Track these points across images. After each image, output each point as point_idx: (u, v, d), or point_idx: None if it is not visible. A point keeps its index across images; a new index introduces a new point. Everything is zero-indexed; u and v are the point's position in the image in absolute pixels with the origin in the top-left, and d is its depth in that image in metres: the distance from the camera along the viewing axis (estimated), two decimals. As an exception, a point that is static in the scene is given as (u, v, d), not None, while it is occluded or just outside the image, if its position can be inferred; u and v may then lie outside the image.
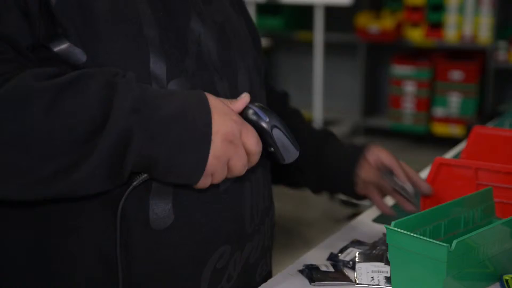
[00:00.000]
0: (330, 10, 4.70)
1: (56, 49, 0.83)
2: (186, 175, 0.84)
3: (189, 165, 0.83)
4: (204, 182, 0.85)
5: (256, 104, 0.92)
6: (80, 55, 0.83)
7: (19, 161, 0.76)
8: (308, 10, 4.91)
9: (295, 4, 4.80)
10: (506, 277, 1.00)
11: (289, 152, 0.92)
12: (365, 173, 1.15)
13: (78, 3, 0.83)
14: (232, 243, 0.96)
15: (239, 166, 0.87)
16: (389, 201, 1.37)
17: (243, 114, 0.90)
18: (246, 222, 0.98)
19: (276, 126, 0.90)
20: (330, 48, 4.87)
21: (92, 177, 0.79)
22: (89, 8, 0.84)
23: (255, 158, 0.89)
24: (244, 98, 0.91)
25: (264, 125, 0.89)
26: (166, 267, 0.90)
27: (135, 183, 0.84)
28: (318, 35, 4.53)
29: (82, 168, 0.78)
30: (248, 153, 0.87)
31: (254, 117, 0.90)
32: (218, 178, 0.86)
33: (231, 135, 0.85)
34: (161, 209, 0.89)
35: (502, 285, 0.99)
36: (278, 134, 0.90)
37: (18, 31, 0.81)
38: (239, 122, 0.87)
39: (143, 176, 0.85)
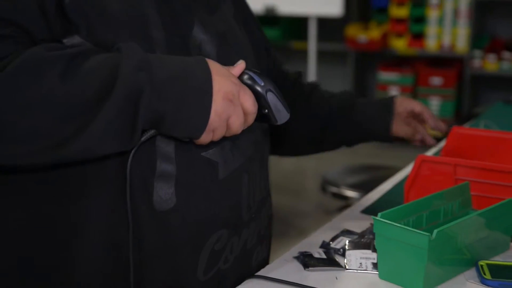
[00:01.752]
0: (322, 22, 4.69)
1: (69, 43, 0.82)
2: (190, 129, 0.83)
3: (193, 120, 0.83)
4: (206, 137, 0.84)
5: (253, 69, 0.91)
6: None
7: (39, 124, 0.76)
8: (302, 22, 4.90)
9: (291, 16, 4.79)
10: (481, 262, 1.00)
11: (281, 113, 0.91)
12: (399, 118, 1.26)
13: (90, 2, 0.83)
14: (229, 228, 0.95)
15: (237, 124, 0.86)
16: (375, 195, 1.38)
17: (240, 78, 0.89)
18: (243, 209, 0.98)
19: (270, 90, 0.90)
20: (322, 56, 4.87)
21: (107, 134, 0.78)
22: (101, 7, 0.83)
23: (251, 118, 0.88)
24: (241, 64, 0.90)
25: (259, 88, 0.89)
26: (168, 246, 0.89)
27: (143, 138, 0.83)
28: (312, 45, 4.52)
29: (97, 124, 0.77)
30: (245, 113, 0.87)
31: (249, 82, 0.89)
32: (218, 134, 0.86)
33: (231, 95, 0.84)
34: (164, 192, 0.88)
35: (477, 270, 0.99)
36: (271, 97, 0.90)
37: (35, 25, 0.81)
38: (238, 84, 0.86)
39: (151, 132, 0.84)
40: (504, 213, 1.05)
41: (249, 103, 0.87)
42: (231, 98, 0.84)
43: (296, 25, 5.01)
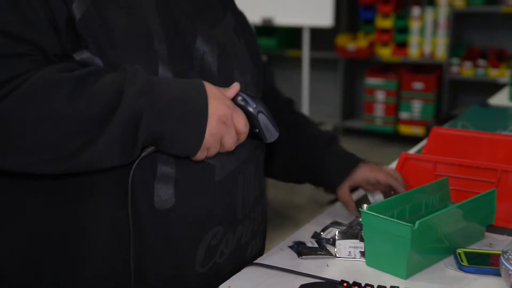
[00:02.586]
0: (315, 32, 4.67)
1: (78, 58, 0.82)
2: (186, 148, 0.84)
3: (189, 140, 0.84)
4: (201, 154, 0.85)
5: (246, 92, 0.92)
6: (98, 63, 0.83)
7: (47, 138, 0.76)
8: (297, 32, 4.88)
9: (286, 27, 4.79)
10: (459, 250, 1.00)
11: (271, 133, 0.92)
12: (350, 184, 1.16)
13: (98, 20, 0.82)
14: (225, 225, 0.95)
15: (230, 142, 0.87)
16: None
17: (234, 100, 0.90)
18: (237, 208, 0.97)
19: (261, 111, 0.90)
20: (315, 64, 4.85)
21: (110, 150, 0.79)
22: (108, 24, 0.83)
23: (243, 137, 0.89)
24: (235, 86, 0.90)
25: (251, 109, 0.90)
26: (167, 242, 0.89)
27: (143, 154, 0.84)
28: (305, 53, 4.51)
29: (101, 142, 0.78)
30: (237, 132, 0.88)
31: (242, 103, 0.90)
32: (212, 152, 0.87)
33: (224, 117, 0.85)
34: (164, 193, 0.88)
35: (455, 257, 0.99)
36: (262, 118, 0.90)
37: (48, 41, 0.81)
38: (231, 106, 0.87)
39: (151, 149, 0.84)
40: (480, 206, 1.06)
41: (241, 124, 0.88)
42: (224, 120, 0.85)
43: (291, 35, 5.01)
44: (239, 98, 0.90)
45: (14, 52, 0.77)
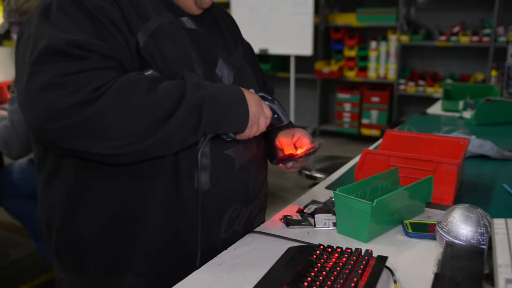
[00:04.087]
0: (299, 59, 4.69)
1: (145, 73, 0.82)
2: (238, 125, 0.85)
3: (240, 118, 0.84)
4: (248, 132, 0.86)
5: (262, 92, 0.94)
6: None
7: (132, 124, 0.74)
8: (286, 59, 4.90)
9: (277, 55, 4.80)
10: (405, 221, 1.00)
11: (285, 117, 0.94)
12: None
13: (155, 47, 0.83)
14: (241, 202, 0.95)
15: (263, 123, 0.89)
16: (334, 176, 1.38)
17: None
18: (250, 190, 0.97)
19: (276, 102, 0.93)
20: (299, 83, 4.87)
21: (179, 130, 0.77)
22: (162, 51, 0.83)
23: (269, 120, 0.91)
24: (252, 90, 0.92)
25: (269, 102, 0.92)
26: (203, 214, 0.89)
27: (200, 145, 0.85)
28: (292, 74, 4.52)
29: (172, 124, 0.76)
30: (265, 116, 0.89)
31: (263, 98, 0.93)
32: (254, 131, 0.88)
33: (258, 101, 0.88)
34: (203, 179, 0.87)
35: (403, 226, 0.99)
36: (278, 107, 0.93)
37: (127, 59, 0.81)
38: (259, 96, 0.90)
39: (208, 137, 0.85)
40: (421, 188, 1.05)
41: (267, 110, 0.90)
42: (259, 104, 0.87)
43: (281, 61, 5.01)
44: (260, 94, 0.93)
45: (106, 66, 0.76)
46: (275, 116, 0.92)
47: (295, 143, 1.03)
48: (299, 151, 1.01)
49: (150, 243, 0.86)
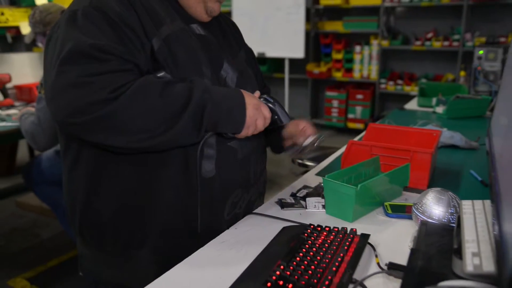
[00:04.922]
0: (292, 61, 4.67)
1: (158, 75, 0.81)
2: (235, 127, 0.83)
3: (237, 121, 0.83)
4: (244, 132, 0.85)
5: (265, 95, 0.93)
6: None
7: (146, 122, 0.73)
8: (281, 61, 4.87)
9: (273, 58, 4.78)
10: (386, 203, 1.00)
11: (285, 118, 0.92)
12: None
13: (168, 52, 0.82)
14: (243, 188, 0.94)
15: (261, 124, 0.87)
16: (324, 164, 1.37)
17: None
18: (250, 177, 0.96)
19: (277, 104, 0.92)
20: (292, 82, 4.86)
21: (185, 130, 0.77)
22: (173, 55, 0.83)
23: (268, 121, 0.89)
24: (257, 92, 0.92)
25: (270, 104, 0.91)
26: (208, 198, 0.88)
27: (206, 136, 0.84)
28: (286, 75, 4.50)
29: (179, 125, 0.75)
30: (264, 118, 0.87)
31: (264, 101, 0.91)
32: (251, 130, 0.86)
33: (257, 105, 0.85)
34: (208, 167, 0.87)
35: (383, 208, 0.98)
36: (278, 109, 0.91)
37: (143, 63, 0.80)
38: (259, 101, 0.88)
39: (209, 134, 0.84)
40: (399, 174, 1.05)
41: (267, 112, 0.88)
42: (257, 108, 0.85)
43: (277, 63, 4.99)
44: (262, 98, 0.91)
45: (125, 68, 0.76)
46: (275, 117, 0.91)
47: (301, 132, 1.02)
48: (305, 140, 1.01)
49: (162, 223, 0.86)
